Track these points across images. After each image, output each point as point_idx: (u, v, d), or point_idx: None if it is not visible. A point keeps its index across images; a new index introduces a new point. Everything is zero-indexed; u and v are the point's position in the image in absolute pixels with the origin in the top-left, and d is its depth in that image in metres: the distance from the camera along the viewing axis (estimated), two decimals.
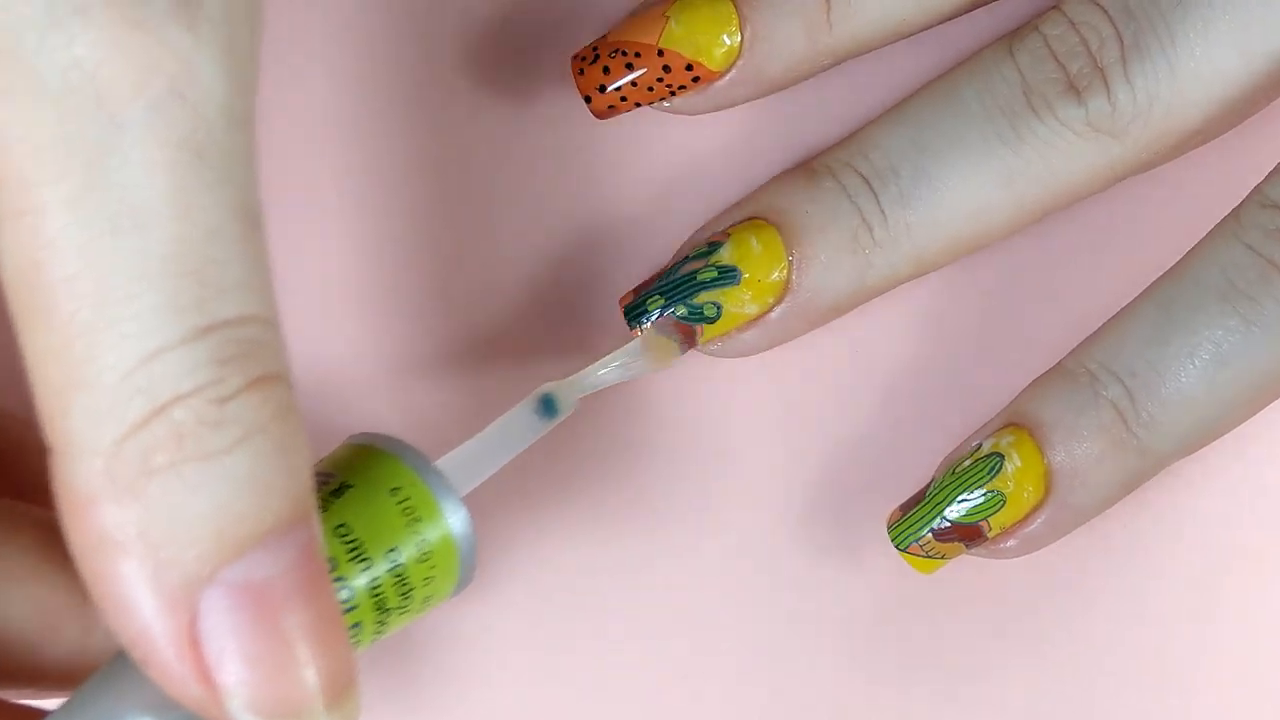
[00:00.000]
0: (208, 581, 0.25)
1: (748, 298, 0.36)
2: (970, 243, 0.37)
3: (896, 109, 0.37)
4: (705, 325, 0.36)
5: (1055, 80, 0.36)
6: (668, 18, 0.36)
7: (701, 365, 0.38)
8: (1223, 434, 0.36)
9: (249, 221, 0.26)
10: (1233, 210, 0.36)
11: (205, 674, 0.26)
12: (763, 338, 0.37)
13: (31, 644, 0.30)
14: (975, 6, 0.38)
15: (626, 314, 0.37)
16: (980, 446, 0.36)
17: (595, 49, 0.36)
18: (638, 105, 0.37)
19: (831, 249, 0.36)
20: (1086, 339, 0.37)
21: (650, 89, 0.36)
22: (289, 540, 0.26)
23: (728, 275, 0.36)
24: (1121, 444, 0.36)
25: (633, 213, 0.39)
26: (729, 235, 0.37)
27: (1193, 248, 0.36)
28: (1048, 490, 0.36)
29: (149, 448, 0.25)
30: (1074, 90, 0.36)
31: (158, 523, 0.25)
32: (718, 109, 0.37)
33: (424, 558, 0.29)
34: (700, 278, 0.36)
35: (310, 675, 0.26)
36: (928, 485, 0.37)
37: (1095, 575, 0.39)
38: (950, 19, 0.38)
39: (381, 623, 0.29)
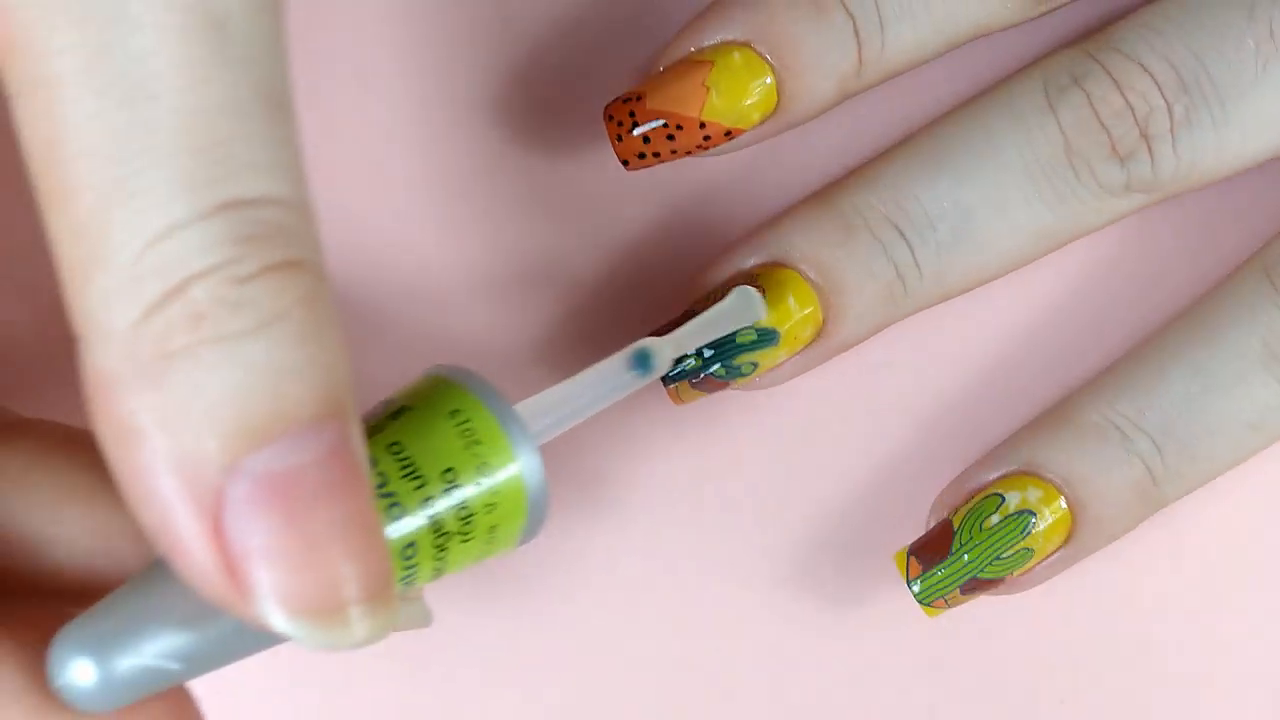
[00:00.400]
0: (230, 470, 0.24)
1: (783, 353, 0.36)
2: (993, 279, 0.37)
3: (931, 155, 0.37)
4: (739, 379, 0.36)
5: (1099, 144, 0.36)
6: (708, 89, 0.36)
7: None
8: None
9: (274, 104, 0.25)
10: (1259, 263, 0.37)
11: (231, 567, 0.25)
12: (783, 377, 0.37)
13: (86, 563, 0.30)
14: (993, 31, 0.37)
15: (663, 378, 0.36)
16: (1005, 501, 0.36)
17: (634, 115, 0.36)
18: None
19: (865, 304, 0.36)
20: (1104, 386, 0.37)
21: (688, 152, 0.36)
22: (317, 433, 0.25)
23: (767, 338, 0.36)
24: (1145, 496, 0.36)
25: (646, 225, 0.39)
26: (765, 292, 0.36)
27: (1221, 303, 0.37)
28: (1068, 538, 0.36)
29: (166, 329, 0.24)
30: (1116, 155, 0.36)
31: (176, 408, 0.24)
32: (739, 149, 0.37)
33: (484, 481, 0.28)
34: (740, 340, 0.36)
35: (342, 576, 0.25)
36: (946, 532, 0.36)
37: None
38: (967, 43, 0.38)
39: (441, 548, 0.28)
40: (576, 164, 0.39)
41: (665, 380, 0.36)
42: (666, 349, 0.33)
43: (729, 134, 0.36)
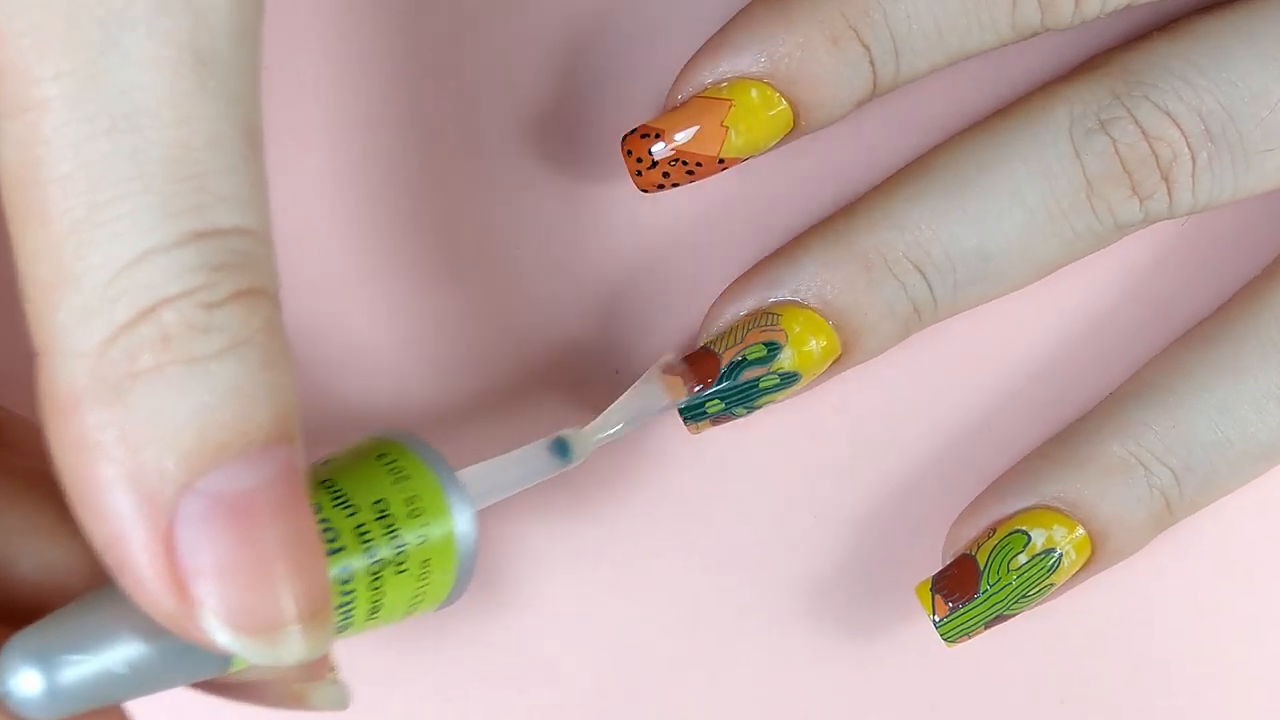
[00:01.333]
0: (186, 488, 0.25)
1: (800, 388, 0.37)
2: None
3: (955, 190, 0.36)
4: (753, 412, 0.37)
5: (1118, 183, 0.36)
6: (727, 129, 0.35)
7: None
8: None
9: (249, 140, 0.26)
10: (1262, 288, 0.37)
11: (178, 584, 0.25)
12: (792, 395, 0.37)
13: (44, 596, 0.30)
14: (998, 46, 0.37)
15: (683, 413, 0.36)
16: (1030, 540, 0.36)
17: (653, 154, 0.36)
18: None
19: (883, 339, 0.37)
20: (1128, 419, 0.37)
21: (703, 178, 0.36)
22: (270, 455, 0.26)
23: (790, 381, 0.36)
24: (1159, 523, 0.37)
25: (650, 230, 0.39)
26: (787, 335, 0.36)
27: (1244, 339, 0.37)
28: (1085, 566, 0.37)
29: (135, 349, 0.25)
30: (1136, 196, 0.36)
31: (139, 425, 0.25)
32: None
33: (414, 514, 0.29)
34: (763, 385, 0.36)
35: (285, 594, 0.26)
36: (970, 570, 0.37)
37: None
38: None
39: (377, 575, 0.29)
40: (592, 183, 0.39)
41: (685, 417, 0.36)
42: (585, 440, 0.34)
43: (745, 161, 0.36)
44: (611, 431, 0.35)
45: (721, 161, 0.36)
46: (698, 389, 0.36)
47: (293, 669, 0.33)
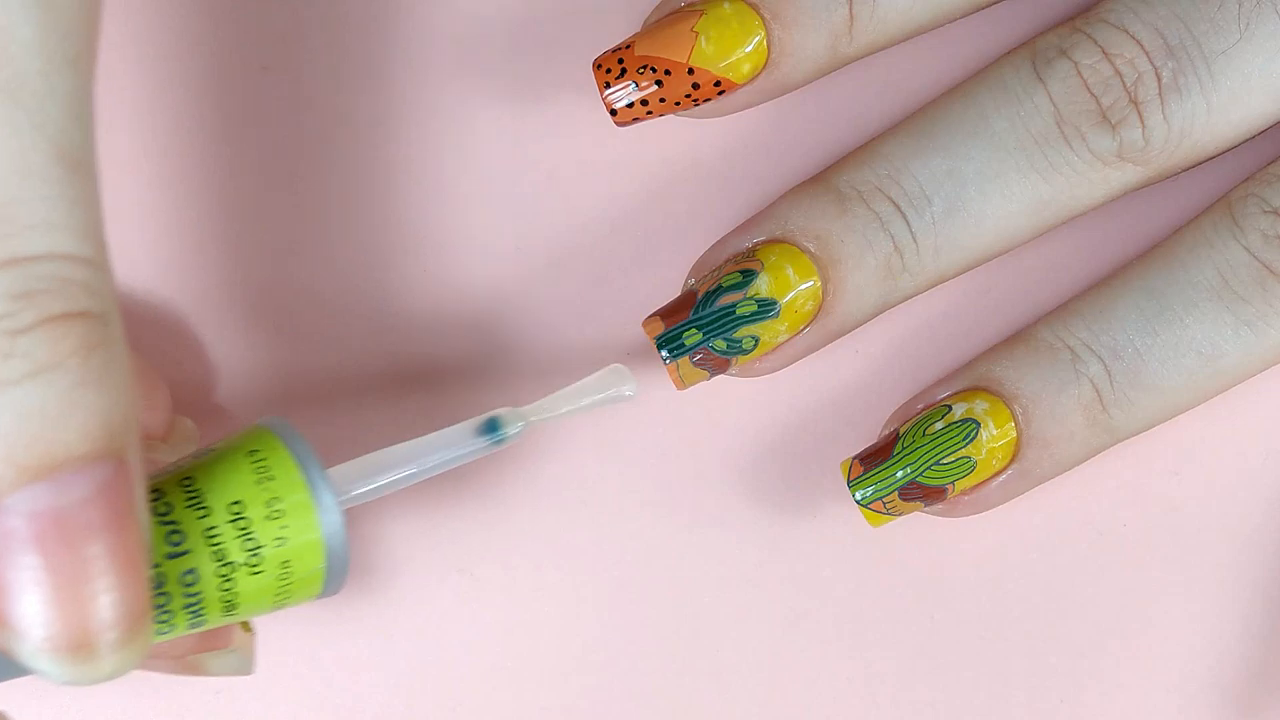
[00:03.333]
0: None
1: (784, 328, 0.36)
2: (988, 259, 0.37)
3: (922, 131, 0.37)
4: (740, 356, 0.36)
5: (1089, 111, 0.36)
6: (697, 34, 0.35)
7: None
8: (1180, 414, 0.37)
9: (69, 165, 0.26)
10: (1224, 202, 0.37)
11: None
12: (786, 359, 0.37)
13: None
14: (986, 6, 0.37)
15: (659, 344, 0.36)
16: (951, 410, 0.36)
17: (622, 61, 0.36)
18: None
19: (865, 277, 0.36)
20: (1062, 310, 0.37)
21: (677, 103, 0.36)
22: (87, 473, 0.26)
23: (767, 309, 0.36)
24: (1094, 422, 0.36)
25: (636, 208, 0.39)
26: (763, 264, 0.36)
27: (1182, 236, 0.37)
28: (1014, 458, 0.36)
29: None
30: (1107, 122, 0.36)
31: None
32: (731, 112, 0.37)
33: (272, 517, 0.29)
34: (739, 311, 0.36)
35: (97, 612, 0.26)
36: (891, 440, 0.37)
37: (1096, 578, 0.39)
38: (960, 19, 0.38)
39: (228, 579, 0.29)
40: (572, 144, 0.39)
41: (664, 358, 0.36)
42: (518, 420, 0.33)
43: (719, 85, 0.36)
44: (552, 414, 0.34)
45: (691, 72, 0.35)
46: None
47: (188, 641, 0.33)
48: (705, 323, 0.36)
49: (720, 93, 0.36)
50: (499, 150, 0.39)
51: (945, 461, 0.36)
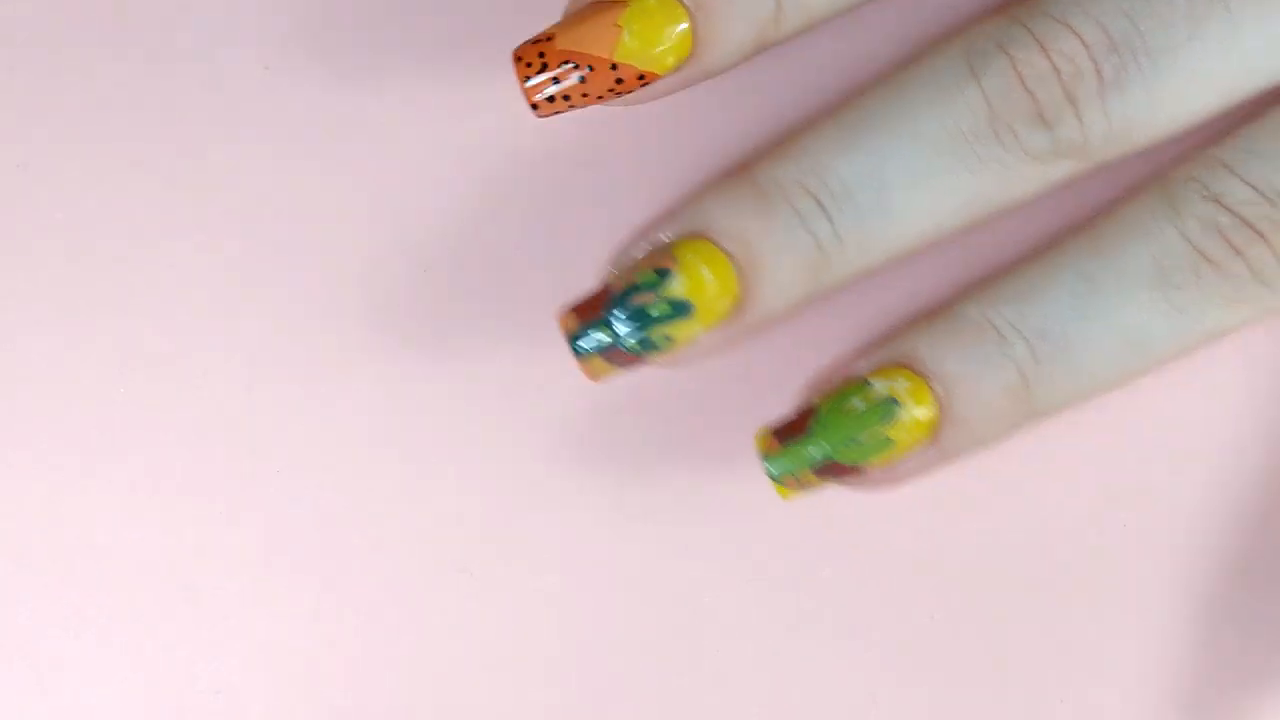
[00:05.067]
0: None
1: (699, 327, 0.35)
2: (918, 252, 0.36)
3: (848, 128, 0.36)
4: (654, 353, 0.36)
5: (1024, 110, 0.35)
6: (620, 28, 0.34)
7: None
8: (1103, 395, 0.36)
9: None
10: (1161, 184, 0.36)
11: None
12: (705, 353, 0.36)
13: None
14: None
15: (571, 341, 0.36)
16: (870, 386, 0.36)
17: (543, 55, 0.34)
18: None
19: (785, 276, 0.35)
20: (991, 287, 0.36)
21: (600, 96, 0.35)
22: None
23: (680, 309, 0.35)
24: (1017, 403, 0.36)
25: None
26: (678, 262, 0.35)
27: (1117, 218, 0.36)
28: (932, 437, 0.36)
29: None
30: (1043, 120, 0.34)
31: None
32: (656, 98, 0.36)
33: None
34: (653, 313, 0.35)
35: None
36: (808, 414, 0.36)
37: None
38: None
39: None
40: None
41: (576, 353, 0.35)
42: None
43: (642, 78, 0.35)
44: None
45: (614, 68, 0.34)
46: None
47: None
48: (617, 322, 0.35)
49: (644, 84, 0.35)
50: (509, 166, 0.39)
51: (862, 439, 0.35)
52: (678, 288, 0.35)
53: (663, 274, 0.35)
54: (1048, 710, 0.39)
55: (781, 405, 0.39)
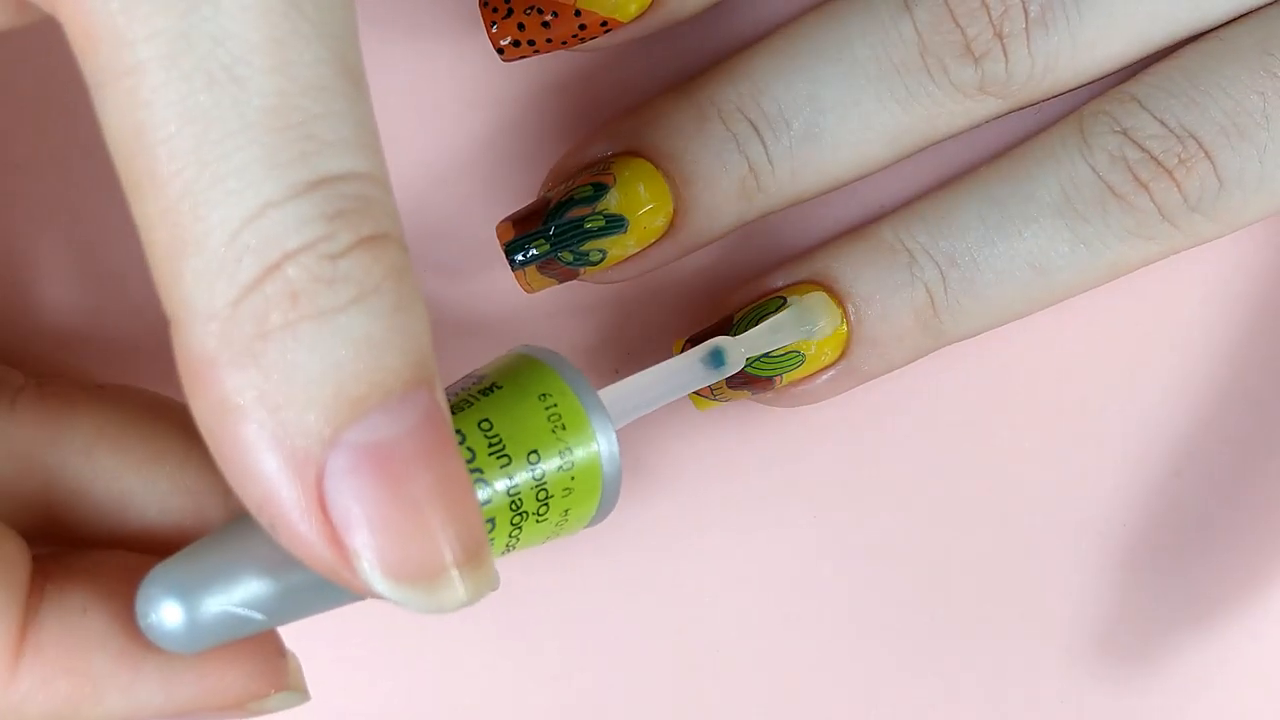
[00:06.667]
0: (330, 442, 0.25)
1: (632, 242, 0.36)
2: (846, 183, 0.37)
3: (787, 52, 0.37)
4: (588, 267, 0.36)
5: (953, 43, 0.35)
6: None
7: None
8: (1008, 323, 0.37)
9: (352, 79, 0.25)
10: (1075, 119, 0.37)
11: (334, 537, 0.25)
12: (638, 270, 0.37)
13: (177, 521, 0.31)
14: None
15: (507, 251, 0.36)
16: (786, 303, 0.36)
17: (509, 1, 0.35)
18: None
19: (717, 197, 0.36)
20: (907, 211, 0.37)
21: (564, 42, 0.35)
22: (410, 402, 0.25)
23: (615, 224, 0.36)
24: (925, 326, 0.37)
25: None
26: (615, 178, 0.36)
27: (1032, 148, 0.37)
28: (842, 354, 0.37)
29: (263, 308, 0.24)
30: (970, 54, 0.35)
31: (276, 384, 0.25)
32: (618, 43, 0.37)
33: (565, 467, 0.29)
34: (588, 226, 0.36)
35: (440, 538, 0.26)
36: (723, 324, 0.37)
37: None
38: None
39: (517, 526, 0.29)
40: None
41: (512, 265, 0.36)
42: (738, 348, 0.33)
43: (605, 25, 0.35)
44: (768, 337, 0.35)
45: (578, 14, 0.35)
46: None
47: (246, 684, 0.32)
48: (554, 234, 0.36)
49: (607, 31, 0.36)
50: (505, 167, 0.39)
51: (774, 354, 0.36)
52: (613, 202, 0.36)
53: (600, 189, 0.36)
54: (1048, 710, 0.39)
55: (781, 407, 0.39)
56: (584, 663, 0.39)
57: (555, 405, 0.29)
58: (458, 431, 0.29)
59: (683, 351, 0.35)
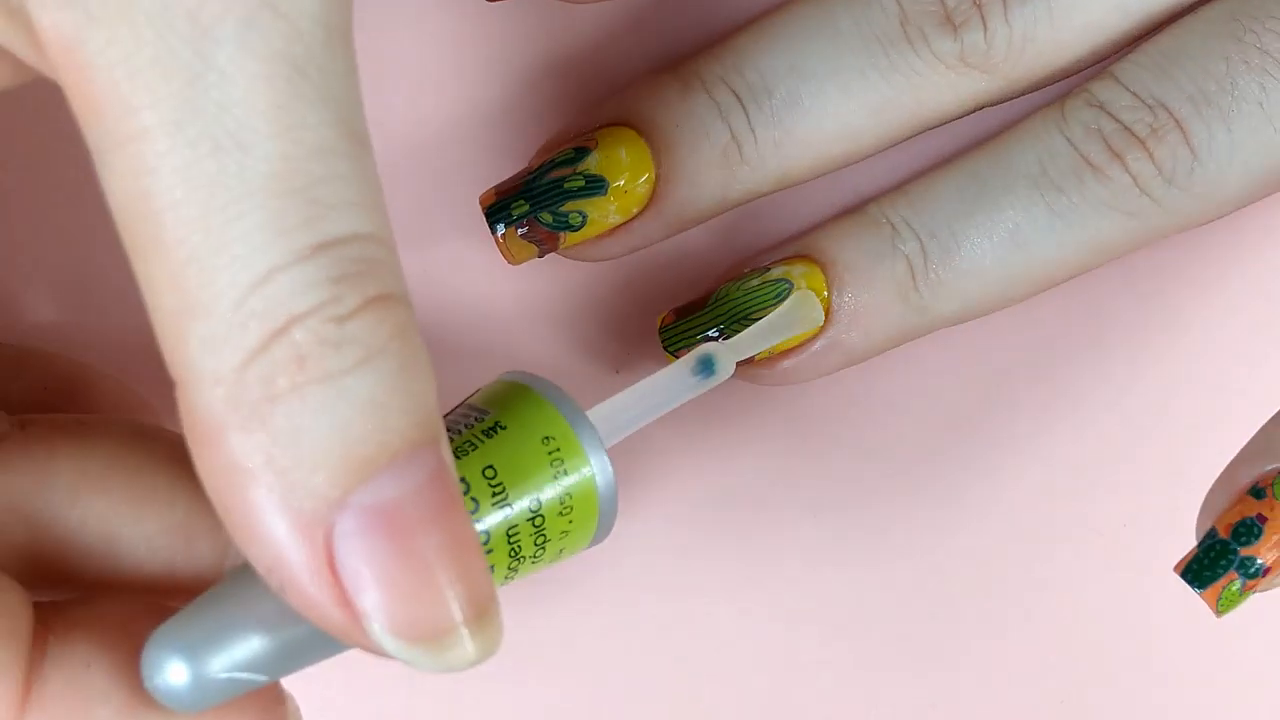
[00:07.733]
0: (339, 504, 0.25)
1: (613, 208, 0.36)
2: (835, 163, 0.37)
3: (771, 27, 0.37)
4: (569, 233, 0.36)
5: (933, 13, 0.36)
6: None
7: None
8: (998, 309, 0.37)
9: (355, 140, 0.25)
10: (1057, 100, 0.37)
11: (344, 599, 0.25)
12: (624, 245, 0.37)
13: (167, 559, 0.31)
14: None
15: (487, 215, 0.36)
16: (770, 270, 0.37)
17: None
18: None
19: (699, 165, 0.36)
20: (894, 190, 0.38)
21: None
22: (417, 461, 0.25)
23: (595, 185, 0.36)
24: (905, 299, 0.37)
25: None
26: (596, 142, 0.36)
27: (1013, 128, 0.37)
28: (825, 324, 0.37)
29: (270, 372, 0.24)
30: (950, 24, 0.36)
31: (284, 447, 0.25)
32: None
33: (565, 510, 0.29)
34: (567, 186, 0.36)
35: (449, 597, 0.26)
36: (706, 294, 0.37)
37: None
38: None
39: (512, 569, 0.29)
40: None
41: (493, 228, 0.36)
42: (728, 354, 0.33)
43: None
44: (757, 338, 0.35)
45: None
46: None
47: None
48: (533, 194, 0.36)
49: None
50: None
51: (754, 317, 0.36)
52: (594, 163, 0.36)
53: (581, 151, 0.36)
54: (1048, 710, 0.39)
55: (782, 406, 0.39)
56: (584, 663, 0.39)
57: (559, 449, 0.29)
58: (462, 479, 0.29)
59: (663, 322, 0.36)
